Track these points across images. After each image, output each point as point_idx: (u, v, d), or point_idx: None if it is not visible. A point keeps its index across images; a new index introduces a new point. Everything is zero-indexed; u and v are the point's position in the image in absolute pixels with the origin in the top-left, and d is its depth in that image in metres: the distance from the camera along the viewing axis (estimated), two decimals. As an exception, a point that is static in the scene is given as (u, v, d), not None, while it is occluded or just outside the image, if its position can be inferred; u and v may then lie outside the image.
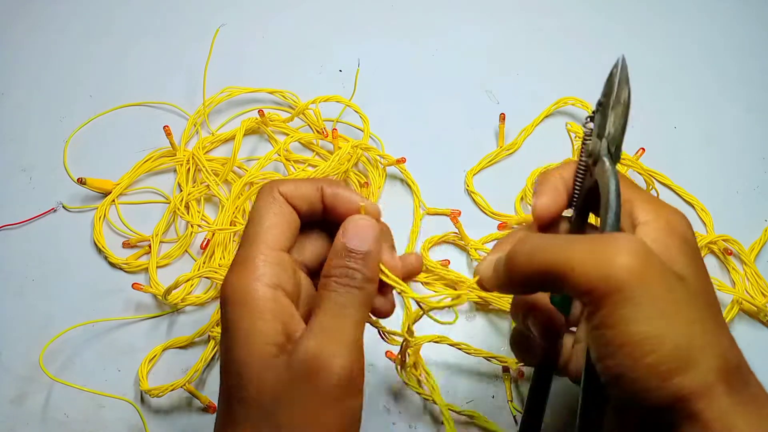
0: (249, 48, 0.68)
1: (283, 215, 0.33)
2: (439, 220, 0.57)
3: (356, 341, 0.31)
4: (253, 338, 0.30)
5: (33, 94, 0.66)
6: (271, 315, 0.30)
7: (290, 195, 0.34)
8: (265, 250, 0.32)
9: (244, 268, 0.31)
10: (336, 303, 0.31)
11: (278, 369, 0.30)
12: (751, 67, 0.67)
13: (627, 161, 0.52)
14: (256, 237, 0.32)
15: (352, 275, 0.32)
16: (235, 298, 0.31)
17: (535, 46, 0.69)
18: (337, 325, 0.31)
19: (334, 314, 0.31)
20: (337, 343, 0.30)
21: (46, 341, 0.50)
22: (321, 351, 0.30)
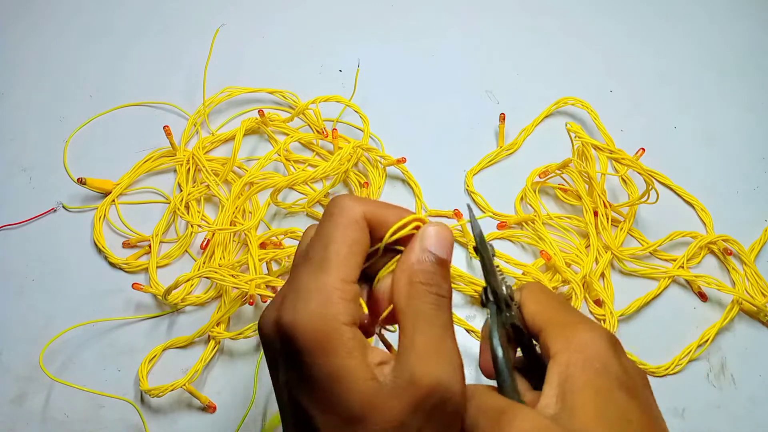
0: (249, 48, 0.68)
1: (362, 242, 0.30)
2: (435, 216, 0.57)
3: (460, 361, 0.29)
4: (352, 377, 0.27)
5: (33, 94, 0.66)
6: (358, 353, 0.27)
7: (371, 219, 0.30)
8: (341, 284, 0.28)
9: (320, 303, 0.27)
10: (437, 319, 0.29)
11: (395, 402, 0.27)
12: (751, 67, 0.67)
13: (627, 161, 0.52)
14: (329, 265, 0.28)
15: (440, 283, 0.29)
16: (315, 337, 0.27)
17: (535, 46, 0.69)
18: (447, 347, 0.28)
19: (439, 335, 0.28)
20: (453, 367, 0.28)
21: (46, 341, 0.50)
22: (443, 377, 0.27)
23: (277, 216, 0.58)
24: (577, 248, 0.54)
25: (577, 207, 0.57)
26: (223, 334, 0.50)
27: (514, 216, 0.57)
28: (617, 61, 0.68)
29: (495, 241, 0.56)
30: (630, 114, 0.64)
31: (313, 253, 0.29)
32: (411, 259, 0.29)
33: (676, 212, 0.58)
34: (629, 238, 0.56)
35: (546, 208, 0.57)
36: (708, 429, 0.48)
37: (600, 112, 0.61)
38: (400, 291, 0.29)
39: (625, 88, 0.66)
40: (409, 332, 0.28)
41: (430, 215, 0.57)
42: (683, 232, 0.55)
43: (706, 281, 0.52)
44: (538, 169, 0.58)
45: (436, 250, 0.30)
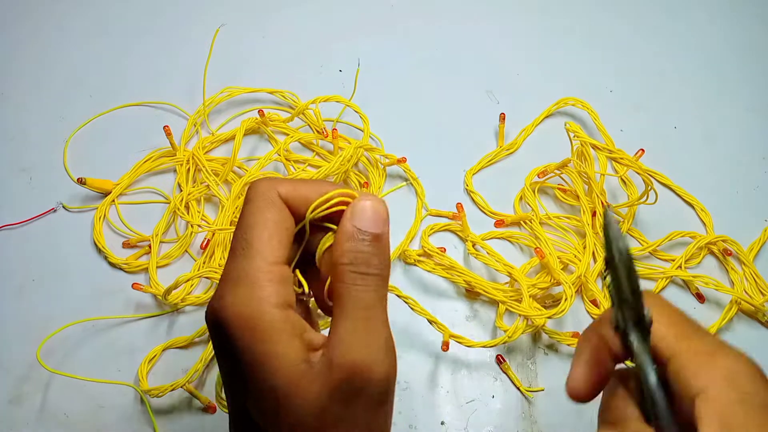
0: (249, 48, 0.68)
1: (283, 222, 0.29)
2: (434, 218, 0.57)
3: (388, 340, 0.28)
4: (278, 362, 0.26)
5: (33, 94, 0.66)
6: (287, 336, 0.27)
7: (290, 198, 0.29)
8: (266, 267, 0.28)
9: (245, 288, 0.27)
10: (360, 301, 0.28)
11: (315, 387, 0.27)
12: (751, 67, 0.67)
13: (626, 161, 0.52)
14: (252, 251, 0.28)
15: (368, 261, 0.28)
16: (240, 324, 0.27)
17: (536, 46, 0.69)
18: (369, 328, 0.27)
19: (361, 317, 0.27)
20: (374, 349, 0.27)
21: (47, 342, 0.50)
22: (361, 360, 0.27)
23: (276, 216, 0.58)
24: (575, 248, 0.54)
25: (576, 207, 0.57)
26: (222, 334, 0.50)
27: (511, 215, 0.57)
28: (617, 61, 0.68)
29: (493, 240, 0.56)
30: (630, 114, 0.64)
31: (236, 241, 0.28)
32: (338, 240, 0.28)
33: (676, 212, 0.58)
34: (630, 238, 0.56)
35: (545, 208, 0.57)
36: (707, 429, 0.48)
37: (600, 112, 0.61)
38: (331, 274, 0.29)
39: (625, 88, 0.66)
40: (336, 315, 0.28)
41: (432, 215, 0.57)
42: (683, 232, 0.55)
43: (704, 281, 0.52)
44: (537, 168, 0.58)
45: (366, 227, 0.28)
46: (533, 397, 0.49)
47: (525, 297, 0.49)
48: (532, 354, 0.51)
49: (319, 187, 0.30)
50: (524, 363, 0.51)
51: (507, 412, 0.49)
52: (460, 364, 0.51)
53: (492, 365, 0.51)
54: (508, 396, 0.50)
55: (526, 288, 0.50)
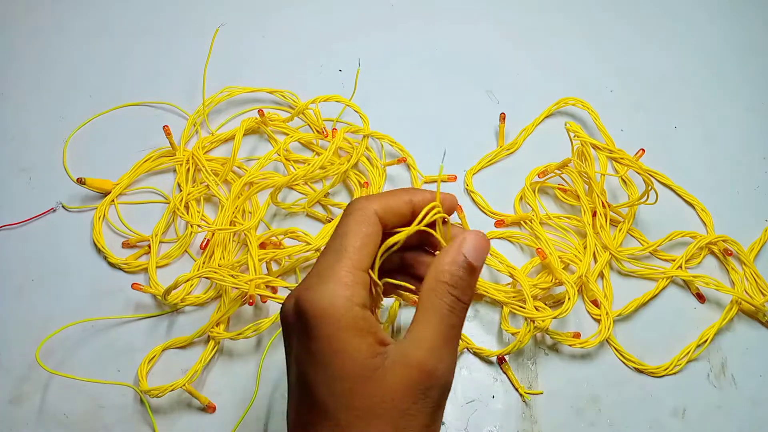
0: (249, 48, 0.68)
1: (374, 235, 0.34)
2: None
3: (456, 358, 0.33)
4: (356, 353, 0.31)
5: (33, 94, 0.66)
6: (364, 331, 0.31)
7: (383, 213, 0.34)
8: (355, 271, 0.32)
9: (335, 286, 0.31)
10: (447, 318, 0.32)
11: (388, 378, 0.31)
12: (750, 67, 0.67)
13: (626, 161, 0.52)
14: (345, 254, 0.32)
15: (464, 289, 0.33)
16: (326, 315, 0.31)
17: (536, 46, 0.69)
18: (447, 343, 0.32)
19: (444, 332, 0.32)
20: (447, 361, 0.32)
21: (47, 342, 0.50)
22: (434, 366, 0.31)
23: (276, 216, 0.58)
24: (575, 248, 0.54)
25: (576, 207, 0.57)
26: (222, 335, 0.50)
27: (511, 215, 0.57)
28: (618, 60, 0.68)
29: (493, 241, 0.56)
30: (630, 114, 0.64)
31: (331, 244, 0.33)
32: (444, 258, 0.33)
33: (677, 212, 0.58)
34: (630, 238, 0.56)
35: (545, 208, 0.57)
36: (708, 429, 0.48)
37: (600, 112, 0.61)
38: (426, 282, 0.33)
39: (626, 87, 0.66)
40: (421, 321, 0.32)
41: (426, 182, 0.59)
42: (683, 232, 0.55)
43: (704, 281, 0.52)
44: (537, 168, 0.58)
45: (470, 257, 0.33)
46: (531, 399, 0.49)
47: (528, 299, 0.49)
48: (533, 354, 0.51)
49: (405, 197, 0.35)
50: (524, 363, 0.51)
51: (507, 413, 0.49)
52: (461, 364, 0.51)
53: (492, 365, 0.51)
54: (509, 396, 0.49)
55: (528, 290, 0.50)
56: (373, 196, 0.35)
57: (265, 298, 0.51)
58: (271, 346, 0.51)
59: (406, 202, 0.35)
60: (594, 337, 0.50)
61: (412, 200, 0.35)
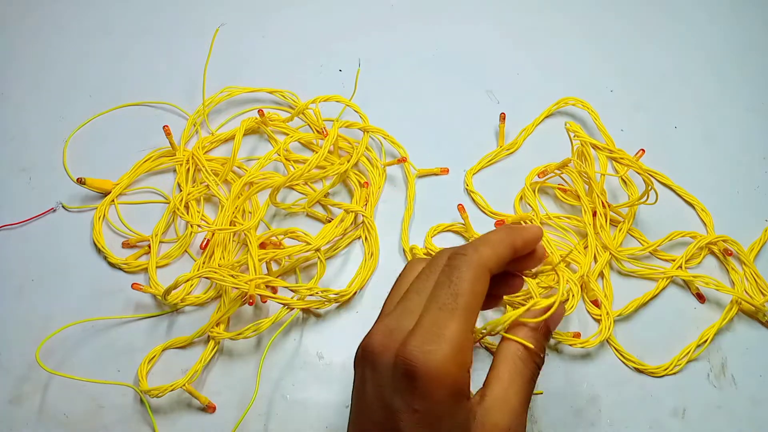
0: (249, 48, 0.68)
1: (484, 294, 0.33)
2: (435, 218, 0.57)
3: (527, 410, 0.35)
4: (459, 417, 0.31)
5: (33, 94, 0.66)
6: (466, 395, 0.32)
7: (494, 268, 0.34)
8: (470, 335, 0.32)
9: (452, 349, 0.31)
10: (528, 384, 0.34)
11: None
12: (751, 67, 0.67)
13: (626, 161, 0.51)
14: (463, 316, 0.32)
15: (543, 356, 0.35)
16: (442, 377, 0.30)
17: (536, 45, 0.69)
18: (526, 410, 0.34)
19: (526, 399, 0.34)
20: (525, 424, 0.34)
21: (47, 342, 0.50)
22: (512, 428, 0.33)
23: (276, 216, 0.58)
24: (575, 248, 0.54)
25: (576, 207, 0.57)
26: (222, 335, 0.50)
27: (511, 215, 0.57)
28: (618, 60, 0.68)
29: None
30: (630, 114, 0.64)
31: (444, 299, 0.32)
32: (531, 325, 0.35)
33: (677, 212, 0.58)
34: (631, 238, 0.56)
35: (545, 208, 0.57)
36: (708, 429, 0.48)
37: (600, 112, 0.61)
38: (511, 344, 0.34)
39: (626, 87, 0.66)
40: (506, 382, 0.33)
41: (420, 175, 0.59)
42: (683, 232, 0.55)
43: (704, 281, 0.52)
44: (537, 168, 0.58)
45: (552, 327, 0.36)
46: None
47: (536, 297, 0.49)
48: (533, 354, 0.51)
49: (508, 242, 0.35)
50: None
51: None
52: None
53: (492, 365, 0.51)
54: (509, 396, 0.49)
55: (536, 288, 0.50)
56: (483, 246, 0.34)
57: (265, 298, 0.51)
58: (271, 346, 0.51)
59: (511, 249, 0.35)
60: (594, 337, 0.50)
61: (514, 245, 0.35)
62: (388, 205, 0.58)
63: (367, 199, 0.57)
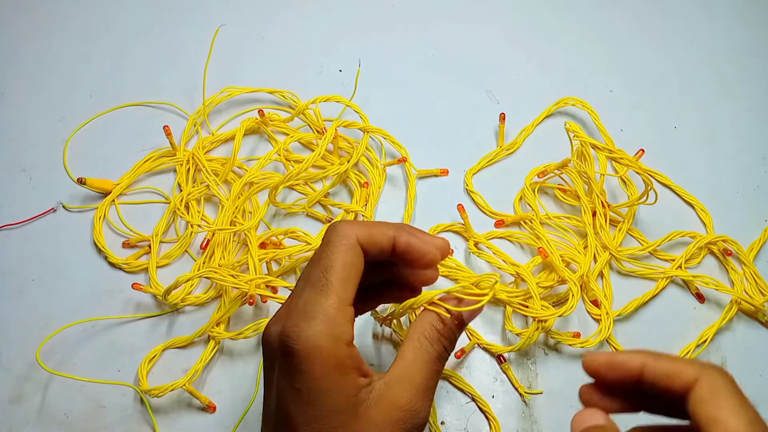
0: (249, 48, 0.68)
1: (358, 265, 0.33)
2: (435, 218, 0.57)
3: (433, 392, 0.35)
4: (343, 391, 0.31)
5: (33, 94, 0.66)
6: (351, 369, 0.32)
7: (365, 243, 0.34)
8: (342, 306, 0.32)
9: (324, 324, 0.31)
10: (434, 363, 0.34)
11: (372, 414, 0.32)
12: (751, 67, 0.67)
13: (626, 161, 0.52)
14: (332, 290, 0.32)
15: (452, 340, 0.36)
16: (315, 355, 0.30)
17: (536, 45, 0.69)
18: (431, 389, 0.34)
19: (431, 378, 0.34)
20: (429, 403, 0.34)
21: (47, 342, 0.50)
22: (420, 408, 0.33)
23: (277, 216, 0.58)
24: (575, 248, 0.54)
25: (576, 207, 0.57)
26: (222, 334, 0.50)
27: (511, 215, 0.57)
28: (617, 60, 0.68)
29: (493, 240, 0.56)
30: (630, 114, 0.64)
31: (315, 277, 0.32)
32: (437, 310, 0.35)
33: (676, 212, 0.58)
34: (630, 238, 0.56)
35: (545, 208, 0.57)
36: (707, 429, 0.48)
37: (600, 112, 0.61)
38: (419, 325, 0.35)
39: (625, 88, 0.66)
40: (410, 361, 0.34)
41: (421, 176, 0.59)
42: (683, 232, 0.55)
43: (704, 281, 0.52)
44: (537, 168, 0.58)
45: (466, 317, 0.36)
46: (531, 399, 0.49)
47: (536, 297, 0.49)
48: (533, 354, 0.51)
49: (389, 232, 0.35)
50: (524, 363, 0.51)
51: (507, 412, 0.49)
52: (461, 363, 0.51)
53: (492, 365, 0.51)
54: (509, 396, 0.50)
55: (535, 288, 0.50)
56: (355, 222, 0.35)
57: (265, 298, 0.51)
58: (272, 346, 0.51)
59: (389, 238, 0.35)
60: (594, 336, 0.51)
61: (395, 237, 0.35)
62: (388, 205, 0.58)
63: (367, 199, 0.57)
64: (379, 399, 0.32)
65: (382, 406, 0.32)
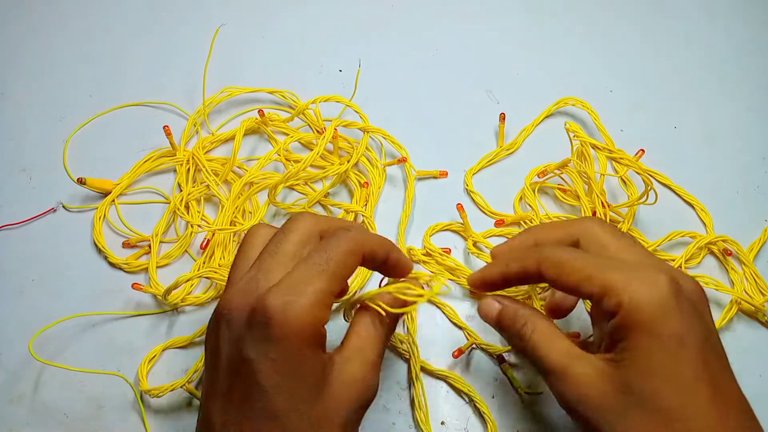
0: (249, 48, 0.68)
1: (353, 268, 0.36)
2: (434, 218, 0.57)
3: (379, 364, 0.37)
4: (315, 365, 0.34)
5: (33, 94, 0.66)
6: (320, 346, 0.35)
7: (369, 255, 0.37)
8: (331, 297, 0.34)
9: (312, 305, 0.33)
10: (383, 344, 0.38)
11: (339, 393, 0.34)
12: (751, 67, 0.67)
13: (626, 161, 0.52)
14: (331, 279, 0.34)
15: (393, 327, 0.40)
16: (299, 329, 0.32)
17: (535, 46, 0.69)
18: (379, 367, 0.37)
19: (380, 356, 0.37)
20: (378, 375, 0.37)
21: (45, 341, 0.50)
22: (375, 384, 0.36)
23: (277, 216, 0.58)
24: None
25: (576, 207, 0.57)
26: (222, 334, 0.50)
27: (511, 215, 0.57)
28: (617, 61, 0.68)
29: (493, 239, 0.56)
30: (630, 114, 0.64)
31: (317, 259, 0.35)
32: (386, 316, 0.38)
33: (676, 212, 0.58)
34: (629, 238, 0.56)
35: (545, 208, 0.57)
36: (707, 429, 0.48)
37: (600, 112, 0.61)
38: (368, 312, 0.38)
39: (625, 88, 0.66)
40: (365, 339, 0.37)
41: (420, 176, 0.59)
42: (683, 232, 0.55)
43: (703, 281, 0.52)
44: (537, 168, 0.58)
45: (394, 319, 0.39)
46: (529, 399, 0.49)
47: (535, 297, 0.49)
48: (532, 354, 0.51)
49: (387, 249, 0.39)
50: (524, 363, 0.51)
51: (507, 412, 0.49)
52: (461, 364, 0.51)
53: (492, 365, 0.51)
54: (508, 396, 0.50)
55: (535, 287, 0.50)
56: (368, 232, 0.38)
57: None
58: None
59: (386, 252, 0.38)
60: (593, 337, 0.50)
61: (389, 254, 0.38)
62: (388, 205, 0.58)
63: (367, 199, 0.57)
64: (339, 373, 0.35)
65: (343, 380, 0.34)
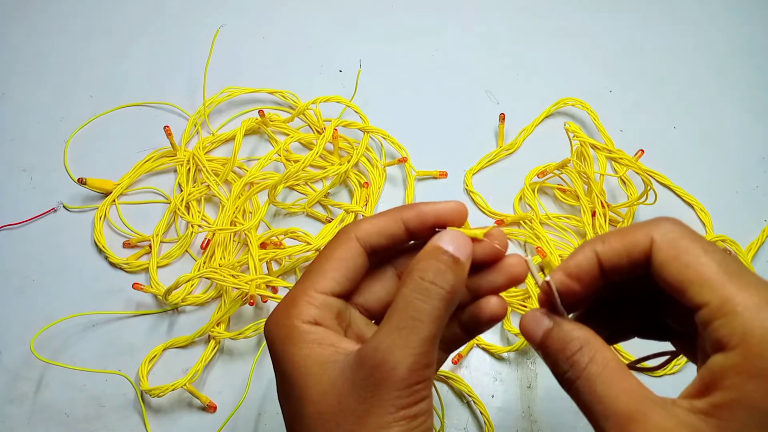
0: (249, 48, 0.68)
1: (347, 259, 0.32)
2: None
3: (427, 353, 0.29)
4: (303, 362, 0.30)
5: (33, 94, 0.66)
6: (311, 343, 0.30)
7: (366, 236, 0.32)
8: (311, 293, 0.31)
9: (285, 306, 0.32)
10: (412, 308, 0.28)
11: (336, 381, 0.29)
12: (751, 67, 0.68)
13: (625, 161, 0.52)
14: (308, 278, 0.32)
15: (441, 274, 0.29)
16: (277, 333, 0.31)
17: (535, 46, 0.69)
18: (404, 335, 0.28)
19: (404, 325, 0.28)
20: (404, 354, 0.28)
21: (46, 341, 0.50)
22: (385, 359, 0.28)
23: (277, 216, 0.58)
24: (574, 248, 0.54)
25: (575, 207, 0.57)
26: (223, 334, 0.50)
27: (511, 215, 0.57)
28: (617, 61, 0.68)
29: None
30: (630, 114, 0.64)
31: (308, 268, 0.33)
32: (417, 255, 0.30)
33: (676, 212, 0.58)
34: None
35: (545, 208, 0.57)
36: (707, 429, 0.49)
37: (600, 112, 0.61)
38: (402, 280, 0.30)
39: (625, 88, 0.66)
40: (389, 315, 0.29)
41: (420, 176, 0.59)
42: (682, 233, 0.55)
43: (705, 281, 0.52)
44: (537, 168, 0.58)
45: (449, 248, 0.30)
46: (530, 399, 0.49)
47: (534, 297, 0.50)
48: (533, 354, 0.51)
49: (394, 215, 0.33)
50: (524, 363, 0.51)
51: (507, 412, 0.49)
52: (461, 364, 0.51)
53: (492, 365, 0.51)
54: (508, 396, 0.50)
55: (534, 287, 0.50)
56: (362, 219, 0.34)
57: (265, 298, 0.51)
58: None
59: (395, 220, 0.32)
60: (593, 336, 0.51)
61: (402, 218, 0.32)
62: (388, 205, 0.58)
63: (368, 199, 0.57)
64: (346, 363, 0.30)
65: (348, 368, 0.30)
